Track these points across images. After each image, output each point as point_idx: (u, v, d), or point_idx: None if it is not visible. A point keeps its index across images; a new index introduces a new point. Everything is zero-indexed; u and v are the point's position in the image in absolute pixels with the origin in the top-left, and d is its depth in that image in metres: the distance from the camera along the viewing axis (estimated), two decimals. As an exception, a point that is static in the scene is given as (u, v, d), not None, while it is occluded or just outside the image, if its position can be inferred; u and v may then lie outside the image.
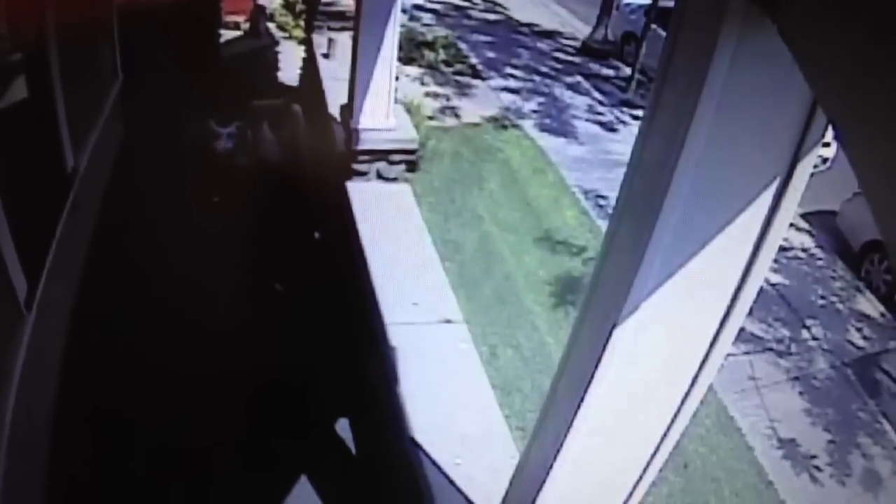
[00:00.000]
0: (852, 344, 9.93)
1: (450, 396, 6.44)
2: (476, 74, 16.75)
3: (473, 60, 17.44)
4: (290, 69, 14.75)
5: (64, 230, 6.37)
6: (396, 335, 7.05)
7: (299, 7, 17.04)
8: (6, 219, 4.76)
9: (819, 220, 12.42)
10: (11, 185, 4.88)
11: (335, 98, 10.33)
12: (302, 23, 16.26)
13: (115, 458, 6.13)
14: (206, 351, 6.99)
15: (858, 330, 10.21)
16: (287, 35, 16.51)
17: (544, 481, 3.51)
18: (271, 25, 16.40)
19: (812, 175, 2.75)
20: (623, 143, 13.99)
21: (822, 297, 10.79)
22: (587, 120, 15.46)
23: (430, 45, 17.16)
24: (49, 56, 6.46)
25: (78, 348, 6.39)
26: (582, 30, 20.56)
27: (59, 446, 5.67)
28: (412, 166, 10.25)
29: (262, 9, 16.39)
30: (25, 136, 6.22)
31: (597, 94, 16.89)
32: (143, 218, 8.14)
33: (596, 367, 3.09)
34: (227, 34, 15.22)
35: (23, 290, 5.22)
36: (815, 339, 9.88)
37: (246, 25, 15.88)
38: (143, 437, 6.37)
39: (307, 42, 14.21)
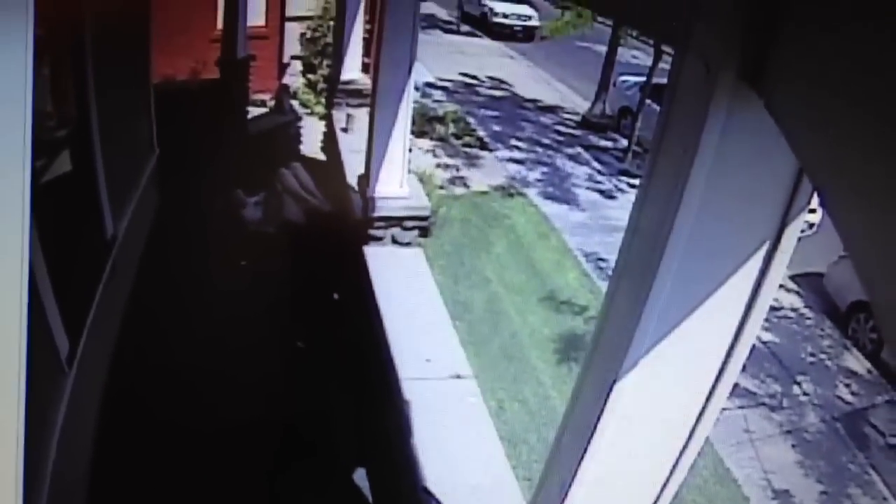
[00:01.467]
0: (841, 399, 9.82)
1: (460, 448, 6.37)
2: (483, 146, 16.92)
3: (481, 133, 17.63)
4: (311, 143, 14.92)
5: (103, 292, 6.39)
6: (410, 389, 7.00)
7: (320, 86, 17.30)
8: (50, 281, 4.78)
9: (807, 282, 12.38)
10: (56, 249, 4.91)
11: (353, 169, 10.42)
12: (323, 100, 16.50)
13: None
14: (231, 406, 6.95)
15: (847, 385, 10.10)
16: (309, 111, 16.74)
17: (550, 530, 3.44)
18: (295, 102, 16.64)
19: (799, 239, 2.75)
20: (621, 209, 14.04)
21: (812, 355, 10.70)
22: (587, 188, 15.56)
23: (441, 120, 17.38)
24: (92, 132, 6.56)
25: (114, 403, 6.37)
26: (581, 105, 20.80)
27: (97, 496, 5.62)
28: (424, 232, 10.28)
29: (286, 87, 16.64)
30: (70, 204, 6.28)
31: (596, 164, 17.02)
32: (175, 281, 8.17)
33: (598, 420, 3.05)
34: (254, 111, 15.43)
35: (65, 347, 5.22)
36: (805, 394, 9.77)
37: (272, 102, 16.11)
38: (171, 488, 6.28)
39: (327, 117, 14.40)
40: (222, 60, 13.72)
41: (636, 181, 14.69)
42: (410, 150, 9.75)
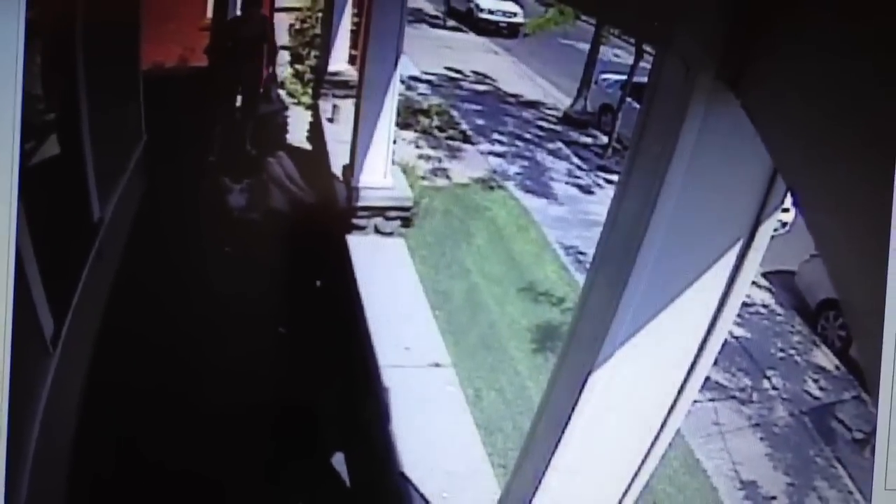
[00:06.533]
0: (809, 394, 9.88)
1: (437, 435, 6.38)
2: (466, 139, 16.85)
3: (464, 127, 17.55)
4: (298, 132, 14.82)
5: (89, 275, 6.35)
6: (389, 377, 7.00)
7: (308, 76, 17.18)
8: (37, 262, 4.74)
9: (778, 279, 12.43)
10: (43, 232, 4.86)
11: (338, 158, 10.39)
12: (310, 90, 16.39)
13: (130, 482, 6.02)
14: (214, 388, 6.91)
15: (815, 381, 10.17)
16: (296, 101, 16.58)
17: (524, 516, 3.46)
18: (282, 92, 16.49)
19: (772, 237, 2.77)
20: (600, 204, 14.02)
21: (782, 350, 10.76)
22: (567, 183, 15.53)
23: (425, 113, 17.28)
24: (81, 117, 6.51)
25: (97, 383, 6.33)
26: (563, 101, 20.71)
27: (78, 474, 5.60)
28: (407, 222, 10.27)
29: (274, 77, 16.50)
30: (57, 188, 6.22)
31: (576, 160, 16.99)
32: (160, 264, 8.11)
33: (573, 410, 3.07)
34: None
35: (49, 329, 5.18)
36: (774, 388, 9.84)
37: (259, 91, 15.98)
38: (153, 461, 6.24)
39: (314, 108, 14.31)
40: (211, 48, 13.60)
41: (615, 177, 14.71)
42: (394, 142, 9.72)
